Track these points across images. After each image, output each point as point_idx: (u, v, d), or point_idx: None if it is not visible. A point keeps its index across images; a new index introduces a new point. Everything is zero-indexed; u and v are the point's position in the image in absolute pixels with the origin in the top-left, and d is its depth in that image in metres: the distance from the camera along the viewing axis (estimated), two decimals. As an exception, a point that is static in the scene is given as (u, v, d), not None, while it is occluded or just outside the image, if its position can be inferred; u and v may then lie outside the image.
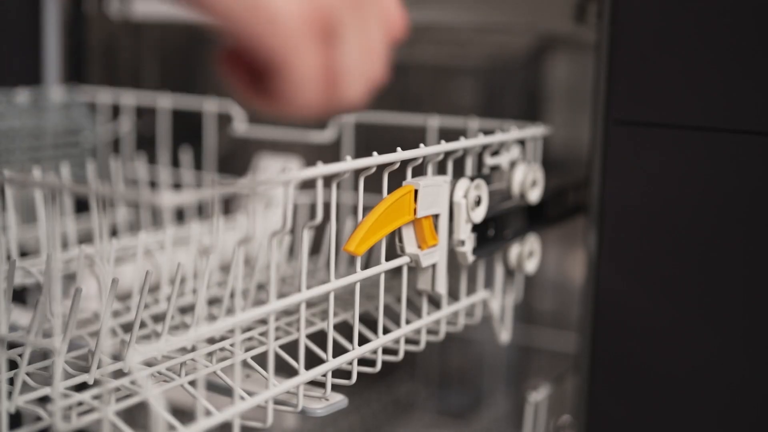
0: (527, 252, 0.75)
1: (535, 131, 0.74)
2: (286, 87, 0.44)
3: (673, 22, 0.70)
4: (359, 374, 0.63)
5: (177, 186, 0.97)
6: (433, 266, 0.65)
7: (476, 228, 0.67)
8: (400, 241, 0.63)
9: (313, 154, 0.55)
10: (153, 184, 0.96)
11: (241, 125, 0.93)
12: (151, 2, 1.04)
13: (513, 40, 0.98)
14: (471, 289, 0.74)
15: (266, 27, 0.43)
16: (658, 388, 0.73)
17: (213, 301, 0.76)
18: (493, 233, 0.69)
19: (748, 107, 0.68)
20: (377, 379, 1.18)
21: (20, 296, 0.62)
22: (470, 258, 0.67)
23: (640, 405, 0.74)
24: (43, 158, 0.90)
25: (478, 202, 0.66)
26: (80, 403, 0.56)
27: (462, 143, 0.65)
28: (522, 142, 0.73)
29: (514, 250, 0.74)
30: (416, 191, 0.61)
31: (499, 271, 0.75)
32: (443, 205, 0.64)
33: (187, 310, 0.74)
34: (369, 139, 0.87)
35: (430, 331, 0.70)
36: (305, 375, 0.58)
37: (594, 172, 0.75)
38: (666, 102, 0.70)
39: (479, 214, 0.66)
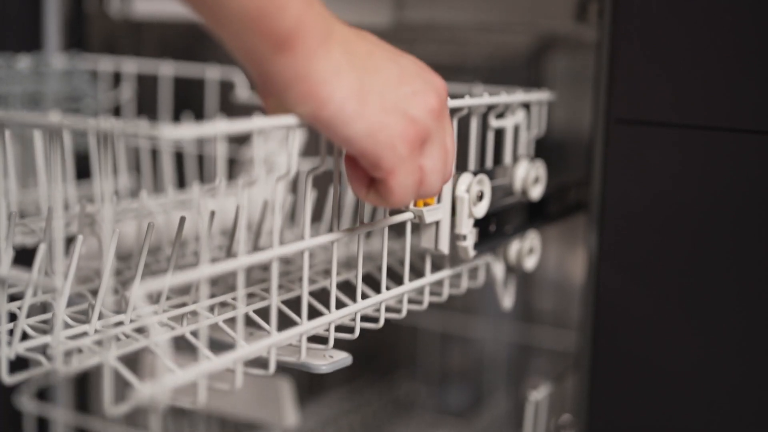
0: (527, 249, 0.75)
1: (540, 95, 0.74)
2: (392, 190, 0.54)
3: (674, 20, 0.70)
4: (360, 372, 0.63)
5: (179, 154, 0.96)
6: (437, 224, 0.65)
7: (478, 223, 0.67)
8: None
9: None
10: (154, 153, 0.95)
11: (243, 92, 0.93)
12: (151, 1, 1.04)
13: (514, 39, 0.98)
14: None
15: (386, 150, 0.52)
16: (659, 386, 0.73)
17: (215, 261, 0.75)
18: (494, 228, 0.69)
19: (749, 106, 0.68)
20: (378, 377, 1.18)
21: (21, 258, 0.61)
22: (472, 253, 0.67)
23: (641, 404, 0.74)
24: None
25: (480, 197, 0.66)
26: (81, 352, 0.56)
27: (467, 101, 0.64)
28: (527, 107, 0.73)
29: (514, 247, 0.74)
30: None
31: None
32: None
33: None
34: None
35: (433, 293, 0.70)
36: (307, 325, 0.58)
37: (595, 171, 0.75)
38: (667, 101, 0.70)
39: (481, 209, 0.66)
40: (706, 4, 0.68)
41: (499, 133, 0.72)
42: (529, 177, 0.72)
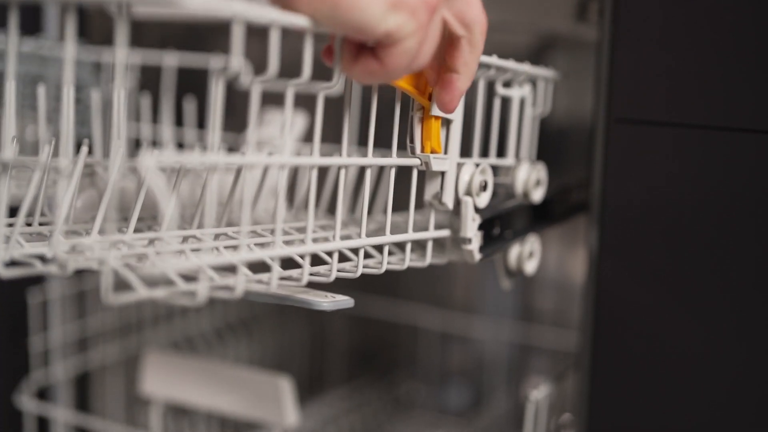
0: (527, 252, 0.75)
1: (546, 71, 0.74)
2: (396, 58, 0.52)
3: (674, 20, 0.70)
4: (360, 372, 0.63)
5: (180, 145, 0.96)
6: (442, 176, 0.65)
7: (482, 226, 0.67)
8: (411, 142, 0.63)
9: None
10: (155, 143, 0.95)
11: (247, 79, 0.92)
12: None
13: (514, 39, 0.98)
14: None
15: (407, 21, 0.51)
16: (659, 386, 0.73)
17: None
18: (498, 232, 0.69)
19: (749, 105, 0.68)
20: (378, 377, 1.18)
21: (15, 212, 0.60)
22: (477, 256, 0.67)
23: (641, 403, 0.74)
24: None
25: (483, 188, 0.66)
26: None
27: None
28: (534, 84, 0.73)
29: (515, 251, 0.74)
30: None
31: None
32: (456, 113, 0.64)
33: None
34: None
35: (434, 255, 0.69)
36: (311, 246, 0.57)
37: (595, 171, 0.75)
38: (667, 100, 0.70)
39: (484, 199, 0.66)
40: (705, 4, 0.68)
41: (504, 114, 0.72)
42: (531, 179, 0.72)
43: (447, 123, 0.64)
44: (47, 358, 1.01)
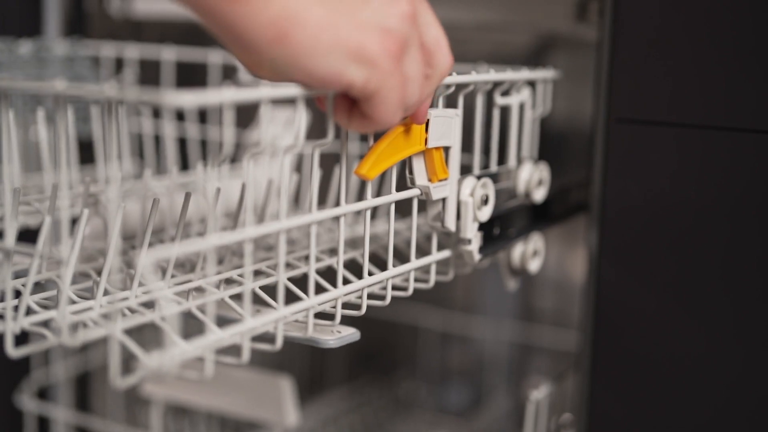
0: (531, 251, 0.75)
1: (545, 74, 0.73)
2: (377, 109, 0.53)
3: (675, 20, 0.70)
4: (360, 371, 0.63)
5: (182, 140, 0.96)
6: (443, 201, 0.65)
7: (482, 227, 0.67)
8: (411, 173, 0.62)
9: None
10: (157, 138, 0.95)
11: (246, 76, 0.92)
12: (151, 0, 1.04)
13: (513, 39, 0.98)
14: None
15: (369, 70, 0.51)
16: (659, 386, 0.73)
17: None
18: (498, 232, 0.69)
19: (749, 105, 0.68)
20: (378, 377, 1.18)
21: (24, 239, 0.60)
22: (477, 257, 0.66)
23: (641, 403, 0.74)
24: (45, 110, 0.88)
25: (485, 201, 0.66)
26: (86, 326, 0.56)
27: (473, 77, 0.64)
28: (533, 86, 0.73)
29: (518, 249, 0.74)
30: (427, 120, 0.61)
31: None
32: (454, 137, 0.63)
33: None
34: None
35: (439, 272, 0.69)
36: (314, 300, 0.58)
37: (595, 171, 0.75)
38: (667, 100, 0.71)
39: (486, 213, 0.66)
40: (705, 4, 0.68)
41: (505, 117, 0.72)
42: (533, 179, 0.72)
43: (447, 149, 0.64)
44: (47, 358, 1.01)
